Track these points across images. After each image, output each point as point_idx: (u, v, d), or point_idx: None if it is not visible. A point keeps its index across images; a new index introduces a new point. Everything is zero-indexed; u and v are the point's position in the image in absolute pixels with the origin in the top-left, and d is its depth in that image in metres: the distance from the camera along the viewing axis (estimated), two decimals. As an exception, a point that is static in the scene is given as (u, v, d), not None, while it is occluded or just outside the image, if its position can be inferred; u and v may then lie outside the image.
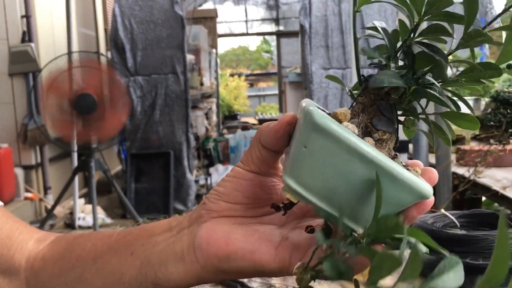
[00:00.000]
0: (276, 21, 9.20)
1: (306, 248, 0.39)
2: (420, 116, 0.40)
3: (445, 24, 0.37)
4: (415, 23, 0.38)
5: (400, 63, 0.41)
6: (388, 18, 5.07)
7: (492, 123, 2.07)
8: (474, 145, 2.15)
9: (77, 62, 3.49)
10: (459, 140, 2.42)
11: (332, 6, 5.13)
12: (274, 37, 10.64)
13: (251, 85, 15.75)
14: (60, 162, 4.92)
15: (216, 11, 7.74)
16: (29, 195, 4.38)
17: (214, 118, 7.69)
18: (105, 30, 6.62)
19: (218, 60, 8.95)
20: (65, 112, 3.24)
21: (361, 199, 0.35)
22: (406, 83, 0.38)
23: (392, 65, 0.40)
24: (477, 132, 2.32)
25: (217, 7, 8.51)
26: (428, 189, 0.36)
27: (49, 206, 4.42)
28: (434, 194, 0.38)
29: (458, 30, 0.38)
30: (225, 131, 8.33)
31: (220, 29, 9.17)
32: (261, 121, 11.70)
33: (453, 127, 0.40)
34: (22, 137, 4.37)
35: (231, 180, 0.43)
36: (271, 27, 9.65)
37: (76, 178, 3.90)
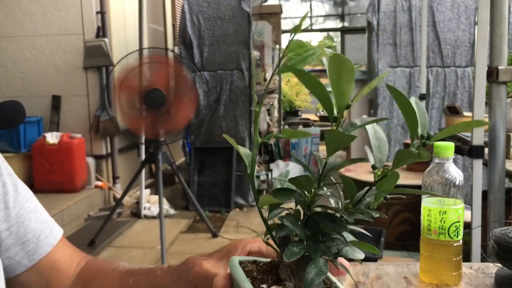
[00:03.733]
0: (342, 17, 9.07)
1: None
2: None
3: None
4: (309, 201, 0.48)
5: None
6: (461, 15, 4.86)
7: None
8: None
9: (147, 58, 3.60)
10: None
11: (402, 2, 4.98)
12: (338, 33, 10.49)
13: (313, 81, 15.60)
14: (127, 153, 5.13)
15: (281, 7, 7.72)
16: (99, 183, 4.60)
17: (275, 114, 7.71)
18: (173, 25, 6.80)
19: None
20: (135, 106, 3.36)
21: None
22: (315, 250, 0.46)
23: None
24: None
25: (282, 3, 8.49)
26: None
27: (117, 195, 4.62)
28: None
29: None
30: (286, 127, 8.32)
31: (284, 25, 9.15)
32: (322, 118, 11.58)
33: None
34: (94, 128, 4.59)
35: None
36: (335, 23, 9.53)
37: (143, 169, 4.04)
